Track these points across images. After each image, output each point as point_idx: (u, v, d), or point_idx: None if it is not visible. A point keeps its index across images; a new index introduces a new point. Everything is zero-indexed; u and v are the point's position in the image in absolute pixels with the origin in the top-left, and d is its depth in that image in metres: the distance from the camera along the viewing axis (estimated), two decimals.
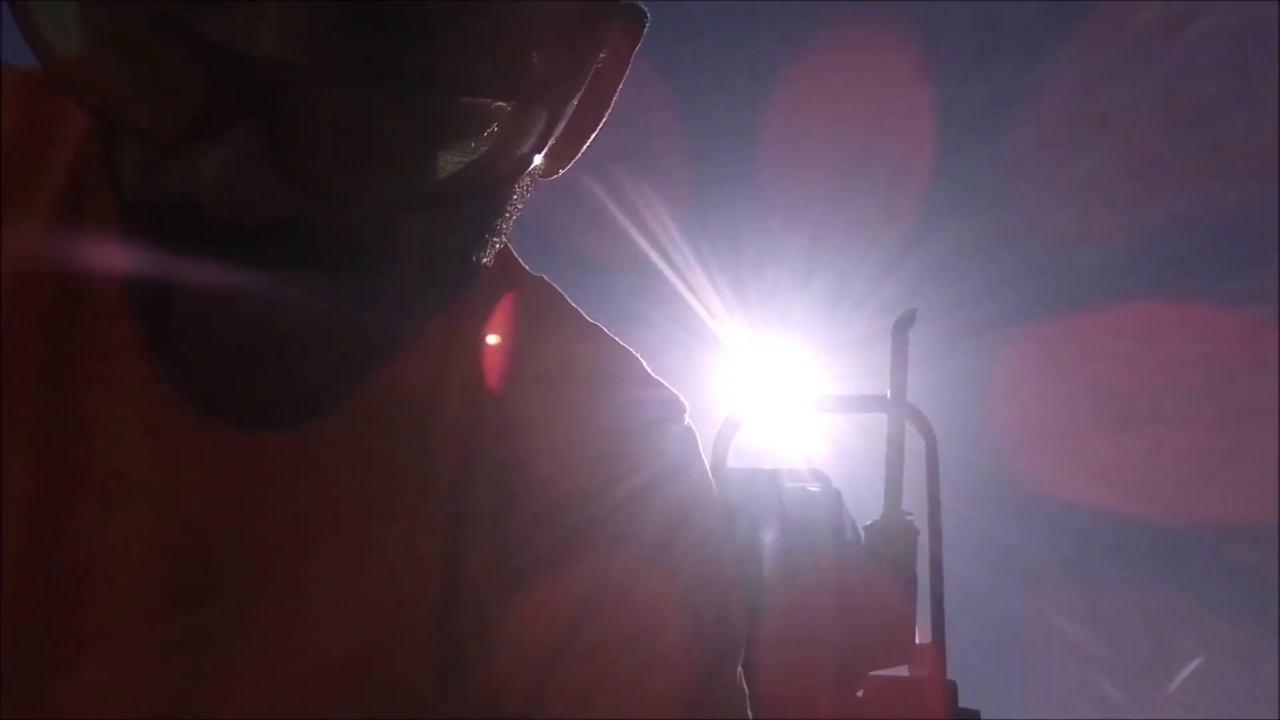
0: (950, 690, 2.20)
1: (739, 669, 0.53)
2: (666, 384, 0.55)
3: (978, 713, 2.17)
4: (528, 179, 0.41)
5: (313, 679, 0.45)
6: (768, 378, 2.87)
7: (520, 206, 0.42)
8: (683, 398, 0.55)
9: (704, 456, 0.56)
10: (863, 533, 2.13)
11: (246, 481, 0.45)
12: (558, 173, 0.44)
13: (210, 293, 0.35)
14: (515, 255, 0.53)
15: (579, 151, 0.44)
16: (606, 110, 0.43)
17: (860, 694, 1.99)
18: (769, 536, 1.77)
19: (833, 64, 3.17)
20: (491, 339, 0.50)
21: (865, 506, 2.27)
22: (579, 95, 0.39)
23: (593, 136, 0.44)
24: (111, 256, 0.41)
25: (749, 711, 0.53)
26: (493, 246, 0.42)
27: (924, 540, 2.28)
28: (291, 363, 0.37)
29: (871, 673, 2.08)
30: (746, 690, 0.54)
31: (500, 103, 0.34)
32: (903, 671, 2.32)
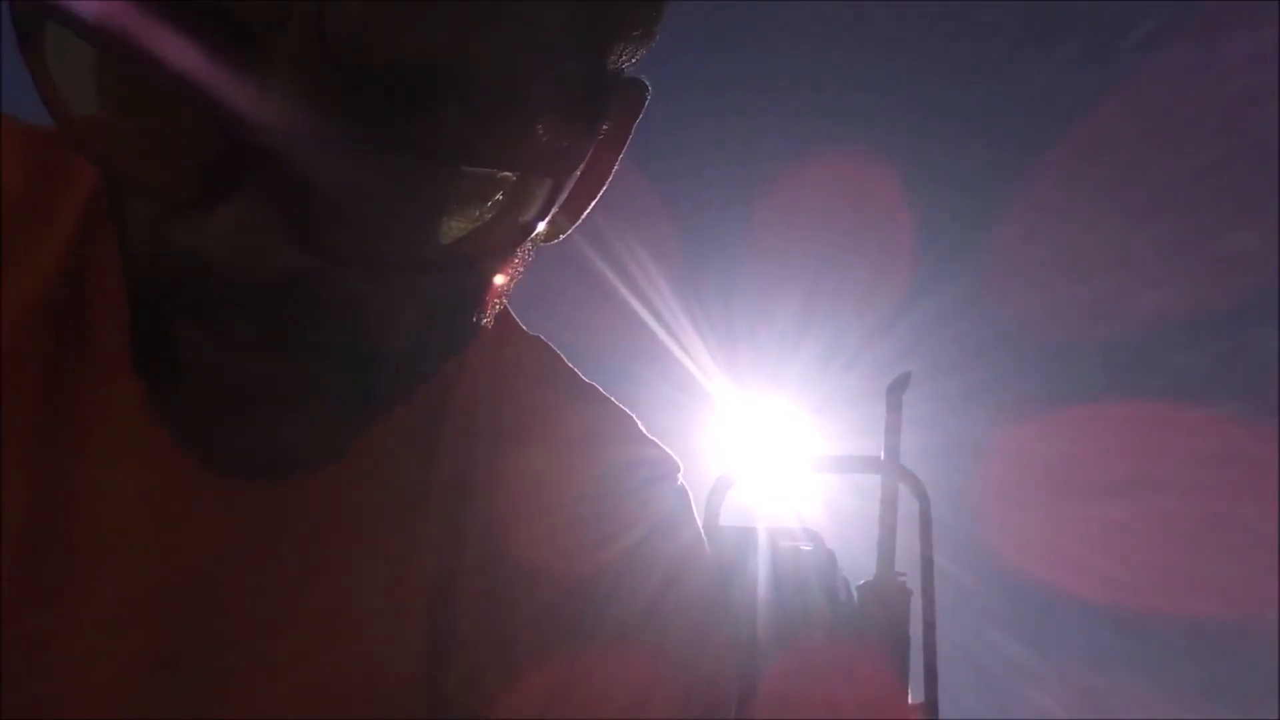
0: None
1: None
2: (660, 443, 0.55)
3: None
4: (529, 244, 0.42)
5: None
6: (761, 437, 2.87)
7: (521, 270, 0.43)
8: (676, 457, 0.56)
9: (697, 515, 0.56)
10: (856, 593, 2.12)
11: (239, 535, 0.45)
12: (558, 238, 0.45)
13: (213, 348, 0.36)
14: (513, 315, 0.54)
15: (579, 218, 0.45)
16: (607, 179, 0.44)
17: None
18: (762, 596, 1.76)
19: (829, 139, 3.24)
20: (486, 398, 0.51)
21: (858, 567, 2.26)
22: (581, 165, 0.40)
23: (593, 204, 0.45)
24: (116, 309, 0.42)
25: None
26: (493, 308, 0.43)
27: (917, 601, 2.27)
28: (290, 418, 0.38)
29: None
30: None
31: (505, 173, 0.35)
32: None
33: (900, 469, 2.38)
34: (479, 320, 0.42)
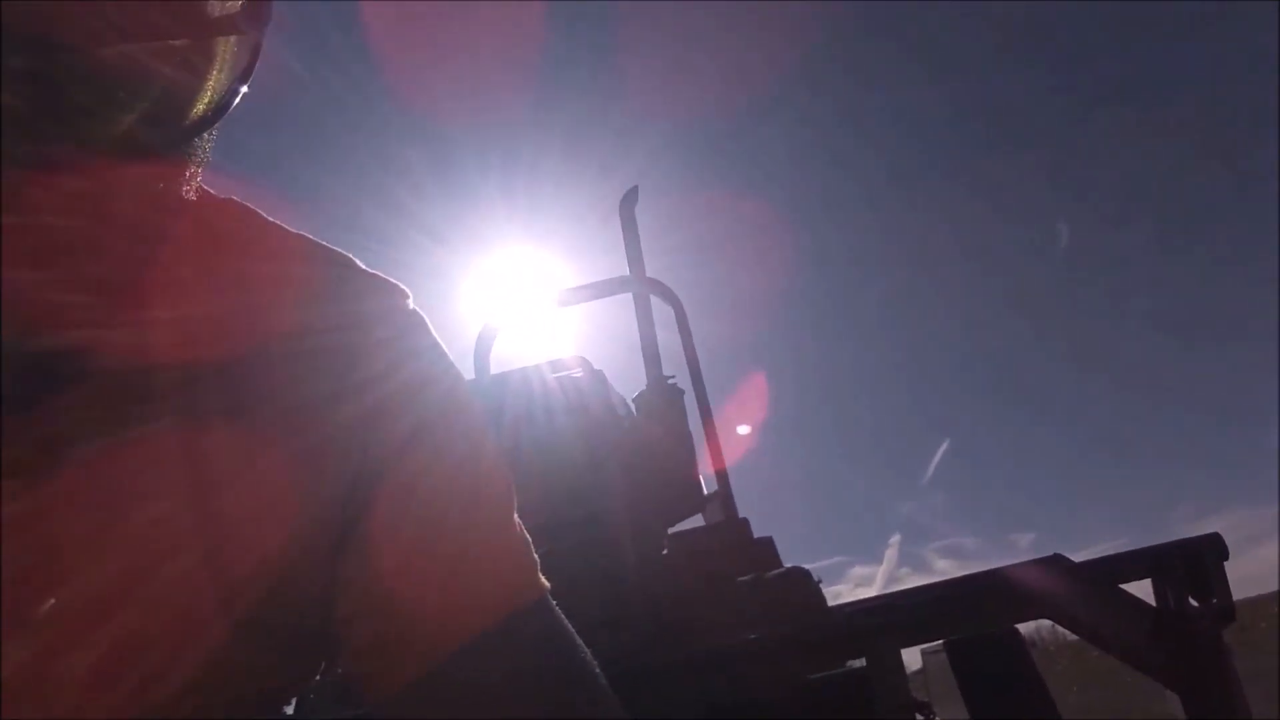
0: (744, 527, 2.37)
1: (515, 517, 0.57)
2: (383, 275, 0.57)
3: (771, 539, 2.36)
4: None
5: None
6: (517, 285, 2.90)
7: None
8: (402, 285, 0.57)
9: (438, 337, 0.58)
10: (632, 405, 2.23)
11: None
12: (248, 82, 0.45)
13: None
14: (204, 186, 0.53)
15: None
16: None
17: (665, 551, 2.11)
18: (543, 427, 1.82)
19: None
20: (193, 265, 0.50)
21: (632, 382, 2.38)
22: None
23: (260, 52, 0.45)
24: None
25: (535, 556, 0.58)
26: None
27: (691, 399, 2.42)
28: None
29: (670, 530, 2.21)
30: (529, 539, 0.58)
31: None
32: (699, 521, 2.47)
33: (647, 280, 2.48)
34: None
